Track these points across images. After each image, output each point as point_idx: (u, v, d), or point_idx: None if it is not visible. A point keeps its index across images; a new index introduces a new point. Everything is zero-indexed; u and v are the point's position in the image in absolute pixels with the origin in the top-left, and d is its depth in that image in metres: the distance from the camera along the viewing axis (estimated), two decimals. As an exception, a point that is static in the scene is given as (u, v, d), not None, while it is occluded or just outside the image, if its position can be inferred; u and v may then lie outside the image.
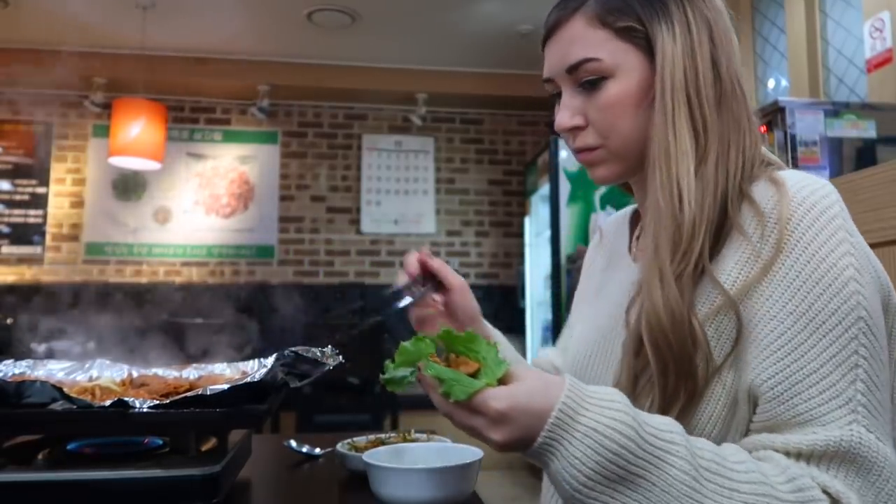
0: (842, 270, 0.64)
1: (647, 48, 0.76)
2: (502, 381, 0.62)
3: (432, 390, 0.63)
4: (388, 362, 0.67)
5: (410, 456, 0.86)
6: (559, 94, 0.82)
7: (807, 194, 0.67)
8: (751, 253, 0.68)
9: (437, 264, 0.94)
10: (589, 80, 0.77)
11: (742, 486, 0.59)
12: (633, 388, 0.71)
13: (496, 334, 1.00)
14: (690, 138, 0.73)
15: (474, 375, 0.63)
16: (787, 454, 0.63)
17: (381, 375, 0.67)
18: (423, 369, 0.63)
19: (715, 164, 0.72)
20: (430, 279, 0.94)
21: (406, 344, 0.66)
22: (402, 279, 0.93)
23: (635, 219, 0.94)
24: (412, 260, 0.94)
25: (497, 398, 0.60)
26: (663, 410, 0.68)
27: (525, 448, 0.61)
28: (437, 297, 0.94)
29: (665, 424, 0.62)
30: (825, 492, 0.60)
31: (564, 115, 0.80)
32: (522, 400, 0.60)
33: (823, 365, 0.62)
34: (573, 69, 0.78)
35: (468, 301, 0.94)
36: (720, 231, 0.71)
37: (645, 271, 0.72)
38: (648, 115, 0.76)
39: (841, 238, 0.65)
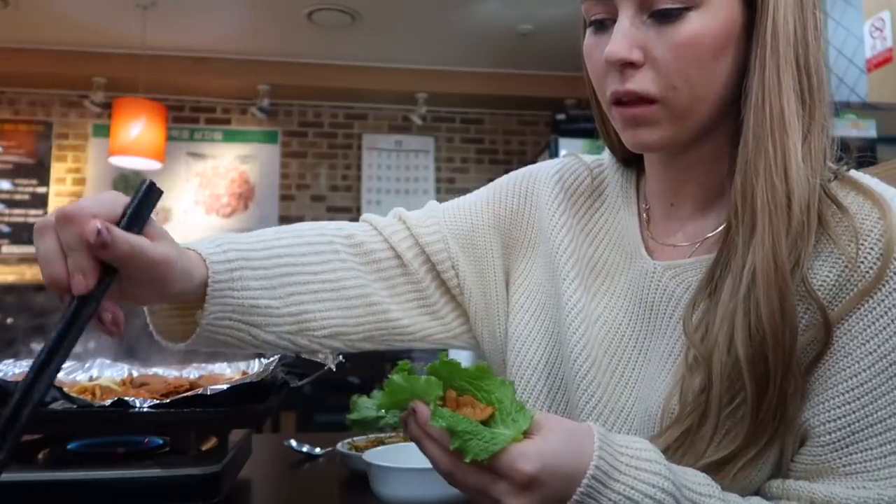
0: None
1: None
2: (525, 434, 0.50)
3: (433, 447, 0.50)
4: (355, 397, 0.55)
5: (411, 455, 0.86)
6: (597, 24, 0.66)
7: None
8: (845, 268, 0.58)
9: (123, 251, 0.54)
10: (666, 7, 0.60)
11: None
12: (700, 419, 0.59)
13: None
14: (798, 107, 0.60)
15: (486, 424, 0.50)
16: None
17: (347, 416, 0.54)
18: (433, 418, 0.48)
19: (816, 147, 0.61)
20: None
21: (396, 378, 0.51)
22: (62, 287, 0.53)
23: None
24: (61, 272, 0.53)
25: (526, 459, 0.48)
26: (746, 444, 0.58)
27: None
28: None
29: (703, 485, 0.54)
30: None
31: (622, 44, 0.61)
32: (551, 460, 0.49)
33: (892, 416, 0.55)
34: None
35: (159, 251, 0.58)
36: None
37: (761, 267, 0.58)
38: (726, 70, 0.63)
39: None
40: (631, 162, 0.79)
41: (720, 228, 0.66)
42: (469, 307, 0.81)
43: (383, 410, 0.53)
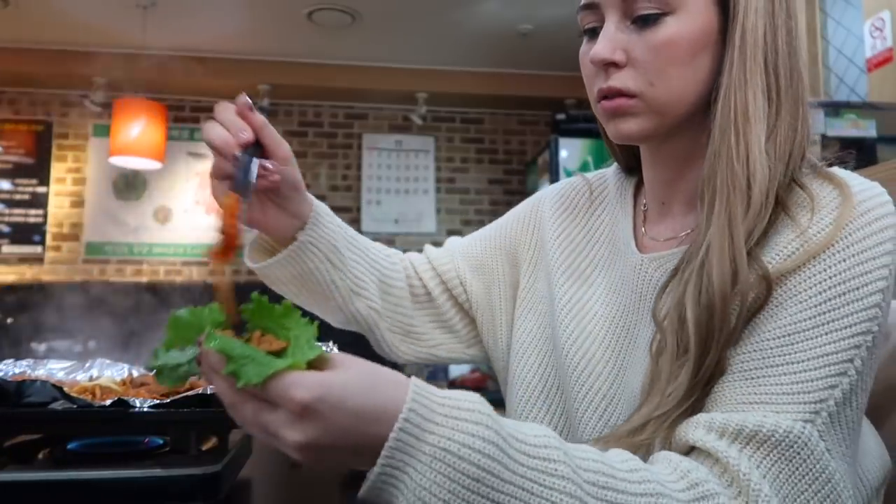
0: (873, 281, 0.60)
1: None
2: (314, 367, 0.47)
3: (214, 373, 0.47)
4: (158, 346, 0.51)
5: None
6: (590, 32, 0.74)
7: (867, 197, 0.63)
8: (795, 237, 0.63)
9: (260, 121, 0.72)
10: (645, 13, 0.67)
11: (636, 499, 0.50)
12: (685, 400, 0.62)
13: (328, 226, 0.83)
14: (764, 103, 0.66)
15: (278, 356, 0.47)
16: (723, 435, 0.56)
17: (149, 361, 0.51)
18: (205, 341, 0.47)
19: (781, 140, 0.66)
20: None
21: (181, 313, 0.50)
22: (228, 143, 0.69)
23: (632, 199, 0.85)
24: (233, 118, 0.71)
25: (302, 385, 0.45)
26: (692, 388, 0.61)
27: (341, 459, 0.49)
28: (270, 166, 0.72)
29: (539, 436, 0.50)
30: (731, 475, 0.54)
31: (605, 46, 0.69)
32: (336, 392, 0.45)
33: (811, 359, 0.58)
34: None
35: (295, 172, 0.77)
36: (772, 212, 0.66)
37: (716, 240, 0.63)
38: (702, 69, 0.69)
39: (886, 250, 0.62)
40: (633, 170, 0.86)
41: None
42: (477, 318, 0.94)
43: (188, 354, 0.50)
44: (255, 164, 0.69)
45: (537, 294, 0.88)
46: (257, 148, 0.71)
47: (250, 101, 0.72)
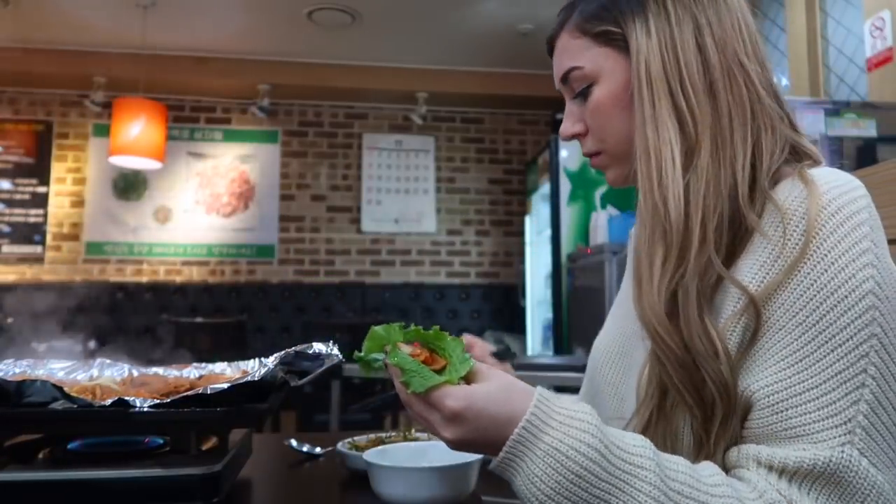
0: (861, 283, 0.60)
1: (627, 49, 0.76)
2: (466, 381, 0.62)
3: (396, 378, 0.63)
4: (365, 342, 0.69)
5: (411, 455, 0.86)
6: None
7: (835, 195, 0.63)
8: (772, 252, 0.65)
9: (479, 352, 0.89)
10: (580, 89, 0.79)
11: (715, 500, 0.58)
12: (660, 399, 0.69)
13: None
14: (674, 129, 0.71)
15: (439, 372, 0.63)
16: (771, 468, 0.60)
17: (354, 353, 0.68)
18: (388, 356, 0.64)
19: (711, 156, 0.69)
20: None
21: (378, 329, 0.67)
22: None
23: None
24: None
25: (453, 397, 0.60)
26: (704, 425, 0.65)
27: (481, 451, 0.62)
28: None
29: (636, 446, 0.59)
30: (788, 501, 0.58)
31: (566, 124, 0.83)
32: (479, 403, 0.60)
33: (827, 381, 0.59)
34: (565, 80, 0.81)
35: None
36: (738, 230, 0.68)
37: (633, 278, 0.70)
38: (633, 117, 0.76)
39: (865, 248, 0.61)
40: None
41: None
42: None
43: (381, 355, 0.67)
44: None
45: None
46: None
47: None
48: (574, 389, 1.02)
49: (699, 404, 0.65)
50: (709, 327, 0.65)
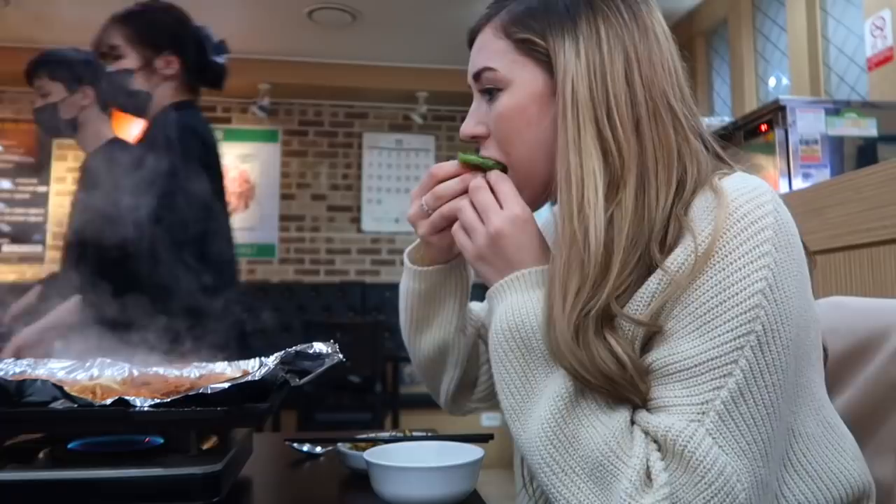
0: (752, 283, 0.63)
1: (549, 65, 0.74)
2: None
3: (460, 233, 0.75)
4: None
5: (411, 455, 0.86)
6: None
7: (741, 204, 0.65)
8: (690, 254, 0.66)
9: None
10: (488, 88, 0.77)
11: (604, 428, 0.64)
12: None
13: None
14: (598, 159, 0.69)
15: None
16: (646, 433, 0.65)
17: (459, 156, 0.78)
18: (460, 156, 0.75)
19: (635, 193, 0.69)
20: None
21: (468, 154, 0.78)
22: None
23: None
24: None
25: (520, 204, 0.72)
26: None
27: (495, 263, 0.72)
28: None
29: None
30: (647, 469, 0.63)
31: (469, 122, 0.80)
32: (532, 226, 0.72)
33: (699, 364, 0.63)
34: (476, 77, 0.78)
35: None
36: (651, 266, 0.68)
37: (555, 301, 0.68)
38: (551, 136, 0.73)
39: (764, 251, 0.64)
40: None
41: None
42: None
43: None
44: None
45: None
46: None
47: None
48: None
49: (618, 398, 0.68)
50: (612, 343, 0.66)
